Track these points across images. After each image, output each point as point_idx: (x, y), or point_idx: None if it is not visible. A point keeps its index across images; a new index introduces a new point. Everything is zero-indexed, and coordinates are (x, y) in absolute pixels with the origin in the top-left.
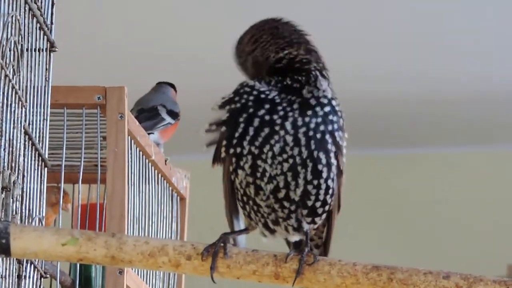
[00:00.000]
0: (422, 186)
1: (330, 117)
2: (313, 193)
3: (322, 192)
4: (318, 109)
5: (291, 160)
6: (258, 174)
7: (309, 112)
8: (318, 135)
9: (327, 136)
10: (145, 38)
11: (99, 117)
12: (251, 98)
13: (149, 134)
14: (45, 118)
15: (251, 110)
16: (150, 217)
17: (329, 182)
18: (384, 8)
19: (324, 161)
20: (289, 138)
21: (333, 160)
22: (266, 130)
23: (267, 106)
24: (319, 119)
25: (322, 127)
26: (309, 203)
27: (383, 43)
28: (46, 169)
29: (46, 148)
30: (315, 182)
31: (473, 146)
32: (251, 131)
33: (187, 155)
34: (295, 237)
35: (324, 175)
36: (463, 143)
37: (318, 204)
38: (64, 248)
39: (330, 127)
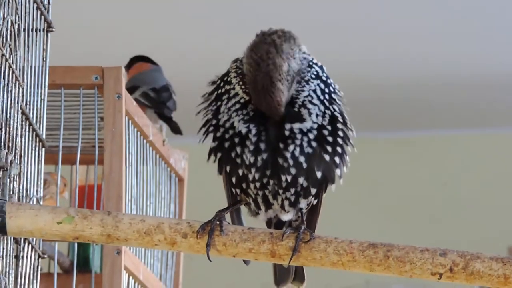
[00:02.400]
0: (421, 168)
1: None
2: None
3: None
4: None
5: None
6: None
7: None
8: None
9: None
10: (143, 18)
11: (96, 97)
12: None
13: (170, 116)
14: (43, 98)
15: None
16: (148, 198)
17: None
18: None
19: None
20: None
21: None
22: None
23: None
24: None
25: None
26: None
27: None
28: (43, 149)
29: (43, 129)
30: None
31: (473, 128)
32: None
33: (186, 136)
34: (288, 215)
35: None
36: (463, 125)
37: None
38: (59, 227)
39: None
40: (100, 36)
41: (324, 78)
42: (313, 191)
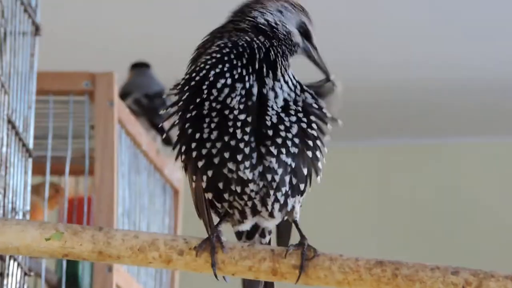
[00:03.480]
0: (432, 178)
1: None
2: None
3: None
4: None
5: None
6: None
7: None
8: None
9: None
10: (135, 21)
11: (87, 104)
12: None
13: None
14: (30, 106)
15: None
16: (141, 211)
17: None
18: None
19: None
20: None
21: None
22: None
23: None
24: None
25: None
26: (309, 153)
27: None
28: (30, 159)
29: (30, 138)
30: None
31: (488, 135)
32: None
33: None
34: (275, 221)
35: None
36: (479, 132)
37: (318, 153)
38: (48, 243)
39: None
40: (92, 40)
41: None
42: (302, 186)
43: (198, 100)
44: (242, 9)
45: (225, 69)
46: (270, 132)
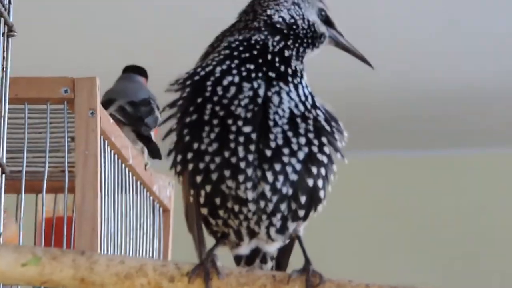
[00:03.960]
0: (451, 193)
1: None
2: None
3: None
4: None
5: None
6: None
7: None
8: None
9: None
10: (118, 21)
11: (66, 113)
12: None
13: (148, 134)
14: (3, 115)
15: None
16: (128, 233)
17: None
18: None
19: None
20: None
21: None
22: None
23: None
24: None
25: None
26: (310, 182)
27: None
28: (4, 176)
29: (4, 151)
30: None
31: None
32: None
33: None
34: (275, 244)
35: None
36: (501, 144)
37: (320, 182)
38: (24, 269)
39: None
40: (71, 42)
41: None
42: (301, 213)
43: (200, 100)
44: (253, 7)
45: (233, 65)
46: (270, 153)
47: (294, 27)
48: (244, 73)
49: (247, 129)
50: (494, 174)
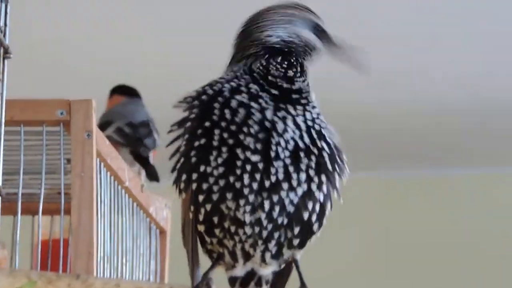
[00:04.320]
0: (446, 214)
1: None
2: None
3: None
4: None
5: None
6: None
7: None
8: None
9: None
10: (113, 44)
11: (62, 136)
12: None
13: (147, 156)
14: None
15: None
16: (124, 255)
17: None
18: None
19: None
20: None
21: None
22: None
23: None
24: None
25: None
26: (305, 215)
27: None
28: (0, 198)
29: None
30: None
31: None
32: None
33: (168, 180)
34: (269, 268)
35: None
36: (499, 163)
37: (314, 216)
38: None
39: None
40: (67, 64)
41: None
42: (296, 242)
43: (208, 124)
44: (248, 31)
45: (241, 82)
46: (269, 185)
47: (292, 44)
48: (253, 91)
49: (255, 158)
50: (491, 195)
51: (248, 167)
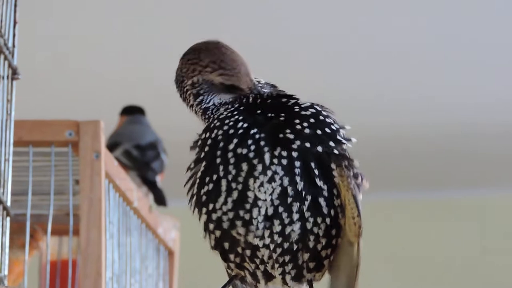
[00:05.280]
0: (454, 235)
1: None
2: (314, 232)
3: (322, 230)
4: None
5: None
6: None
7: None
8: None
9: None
10: (122, 65)
11: (71, 156)
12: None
13: (154, 180)
14: (7, 158)
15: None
16: (133, 275)
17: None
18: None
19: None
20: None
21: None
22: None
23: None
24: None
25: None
26: (310, 244)
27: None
28: (8, 218)
29: (8, 194)
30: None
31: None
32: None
33: (176, 201)
34: None
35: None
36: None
37: (319, 246)
38: None
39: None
40: (76, 85)
41: None
42: (312, 265)
43: (215, 176)
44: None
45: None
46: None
47: None
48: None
49: (263, 196)
50: (499, 216)
51: (260, 203)
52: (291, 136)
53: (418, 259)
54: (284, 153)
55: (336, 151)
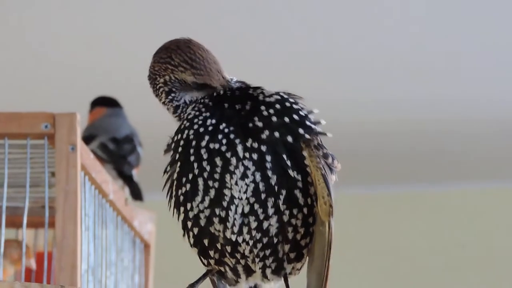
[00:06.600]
0: (435, 229)
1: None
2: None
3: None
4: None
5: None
6: (224, 203)
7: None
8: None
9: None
10: (98, 55)
11: (46, 149)
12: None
13: (130, 174)
14: None
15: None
16: (108, 268)
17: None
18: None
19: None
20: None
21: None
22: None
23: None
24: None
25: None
26: (289, 235)
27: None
28: None
29: None
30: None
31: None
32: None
33: (152, 194)
34: (272, 283)
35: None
36: (491, 177)
37: (299, 235)
38: None
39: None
40: (51, 76)
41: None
42: (293, 255)
43: (191, 175)
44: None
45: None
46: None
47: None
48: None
49: (242, 195)
50: (480, 209)
51: (233, 208)
52: (260, 124)
53: (398, 251)
54: (255, 145)
55: (306, 136)
